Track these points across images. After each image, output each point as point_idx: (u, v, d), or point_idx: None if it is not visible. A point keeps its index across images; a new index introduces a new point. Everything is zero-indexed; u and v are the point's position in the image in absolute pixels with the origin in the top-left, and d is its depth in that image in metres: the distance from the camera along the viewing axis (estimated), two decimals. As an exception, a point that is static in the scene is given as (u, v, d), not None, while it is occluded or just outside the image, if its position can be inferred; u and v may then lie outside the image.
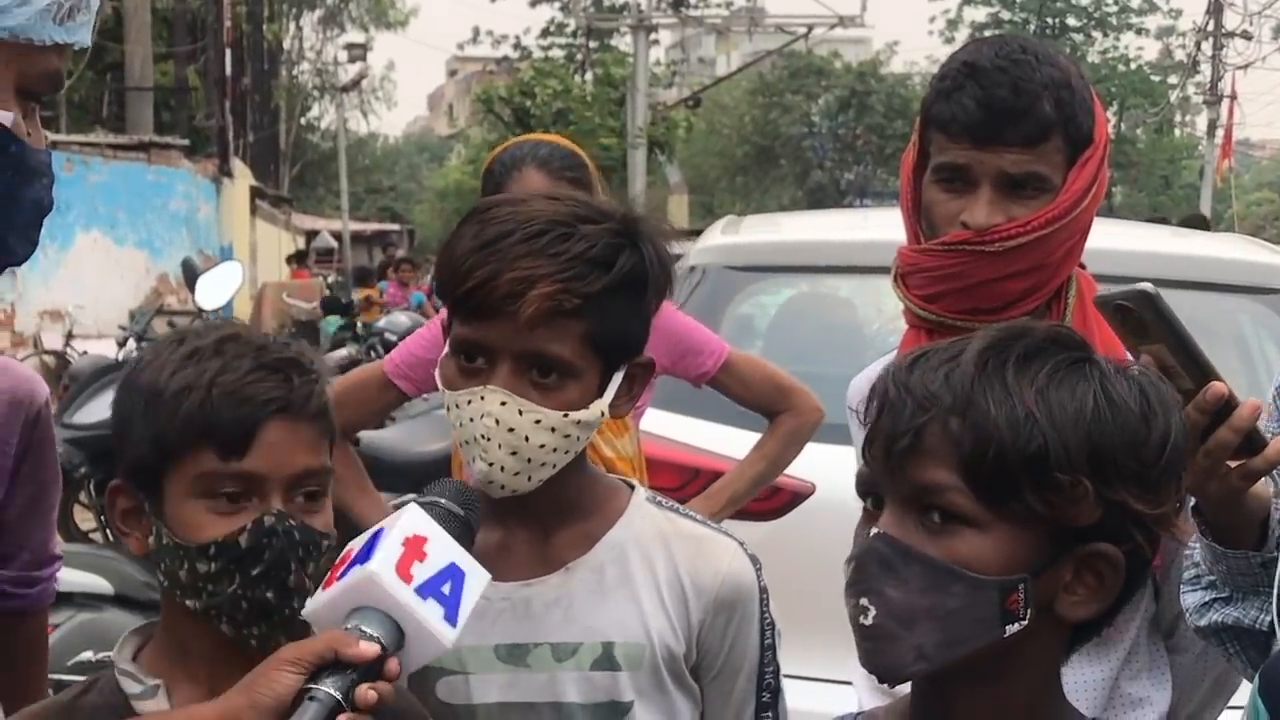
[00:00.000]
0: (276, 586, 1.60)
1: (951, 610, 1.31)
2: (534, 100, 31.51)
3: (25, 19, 1.17)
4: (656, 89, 32.06)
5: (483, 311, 1.71)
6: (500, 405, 1.71)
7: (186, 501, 1.61)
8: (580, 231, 1.72)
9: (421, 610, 1.43)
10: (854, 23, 26.93)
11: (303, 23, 48.21)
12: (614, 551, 1.82)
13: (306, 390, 1.64)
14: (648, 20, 28.02)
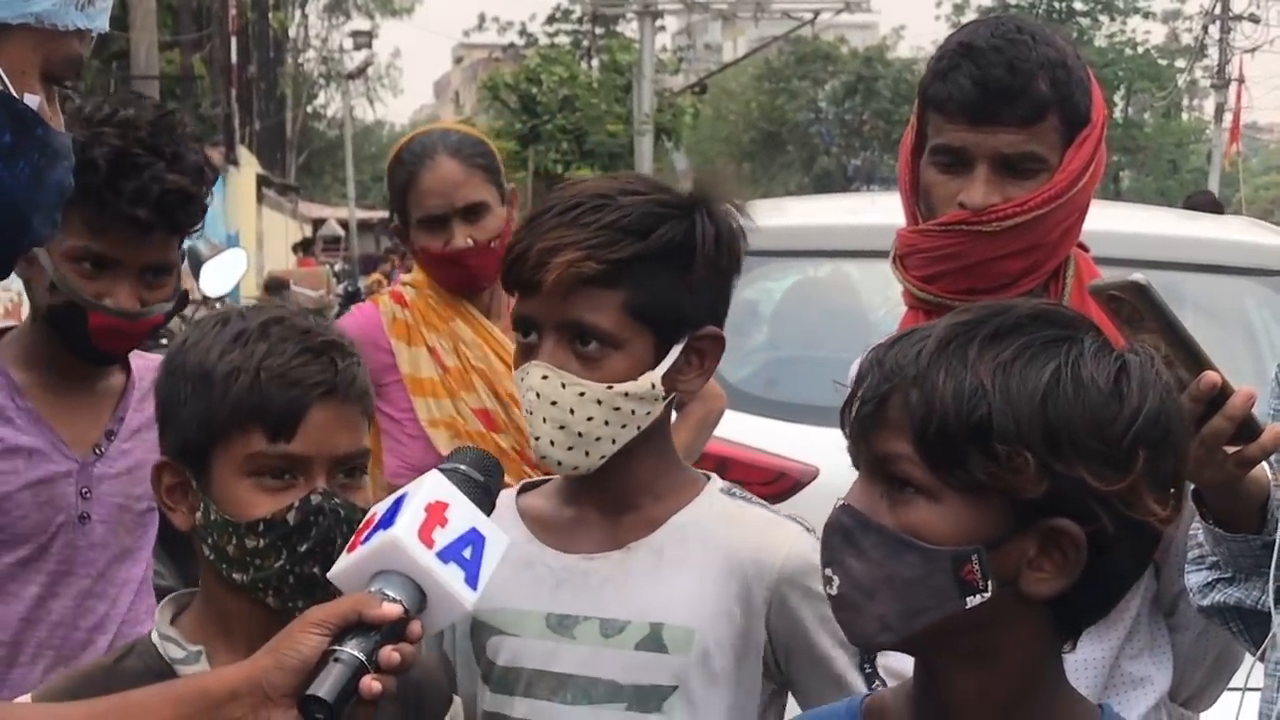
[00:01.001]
0: (322, 561, 1.63)
1: (907, 580, 1.33)
2: (540, 87, 31.52)
3: (50, 4, 1.20)
4: (663, 75, 32.07)
5: (524, 285, 1.76)
6: (542, 379, 1.75)
7: (235, 480, 1.66)
8: (617, 203, 1.75)
9: (443, 574, 1.45)
10: (860, 8, 26.95)
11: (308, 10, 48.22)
12: (676, 534, 1.82)
13: (350, 373, 1.69)
14: (654, 6, 27.99)
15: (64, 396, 2.27)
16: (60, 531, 2.29)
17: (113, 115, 2.22)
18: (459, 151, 3.05)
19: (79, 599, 2.30)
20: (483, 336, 3.10)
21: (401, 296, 3.18)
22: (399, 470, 3.07)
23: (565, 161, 29.74)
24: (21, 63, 1.20)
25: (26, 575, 2.29)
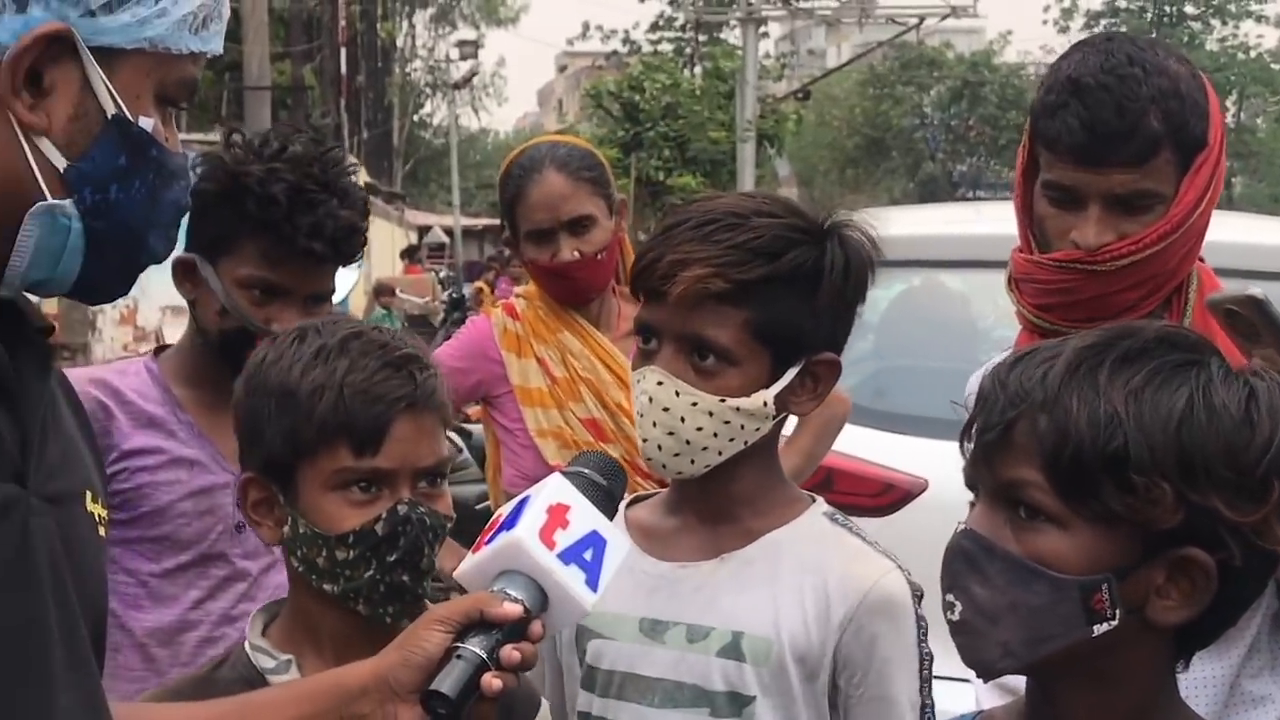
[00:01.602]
0: (411, 569, 1.68)
1: (1035, 608, 1.32)
2: (643, 95, 31.54)
3: (164, 29, 1.23)
4: (766, 82, 31.95)
5: (649, 293, 1.80)
6: (657, 385, 1.78)
7: (323, 494, 1.69)
8: (751, 223, 1.77)
9: (564, 575, 1.48)
10: (966, 13, 26.65)
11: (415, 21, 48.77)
12: (769, 549, 1.85)
13: (430, 385, 1.72)
14: (757, 13, 27.95)
15: (221, 412, 2.36)
16: (219, 539, 2.39)
17: (283, 150, 2.33)
18: (566, 165, 3.07)
19: (233, 603, 2.40)
20: (590, 347, 3.12)
21: (513, 308, 3.21)
22: (514, 480, 3.11)
23: (667, 169, 29.72)
24: (136, 86, 1.23)
25: (187, 579, 2.39)
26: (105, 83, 1.21)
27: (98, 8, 1.20)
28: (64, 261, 1.23)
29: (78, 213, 1.22)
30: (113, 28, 1.20)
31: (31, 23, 1.18)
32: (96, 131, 1.21)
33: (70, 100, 1.20)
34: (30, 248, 1.22)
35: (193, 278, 2.41)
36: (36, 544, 1.21)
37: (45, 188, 1.20)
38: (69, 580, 1.25)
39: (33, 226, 1.21)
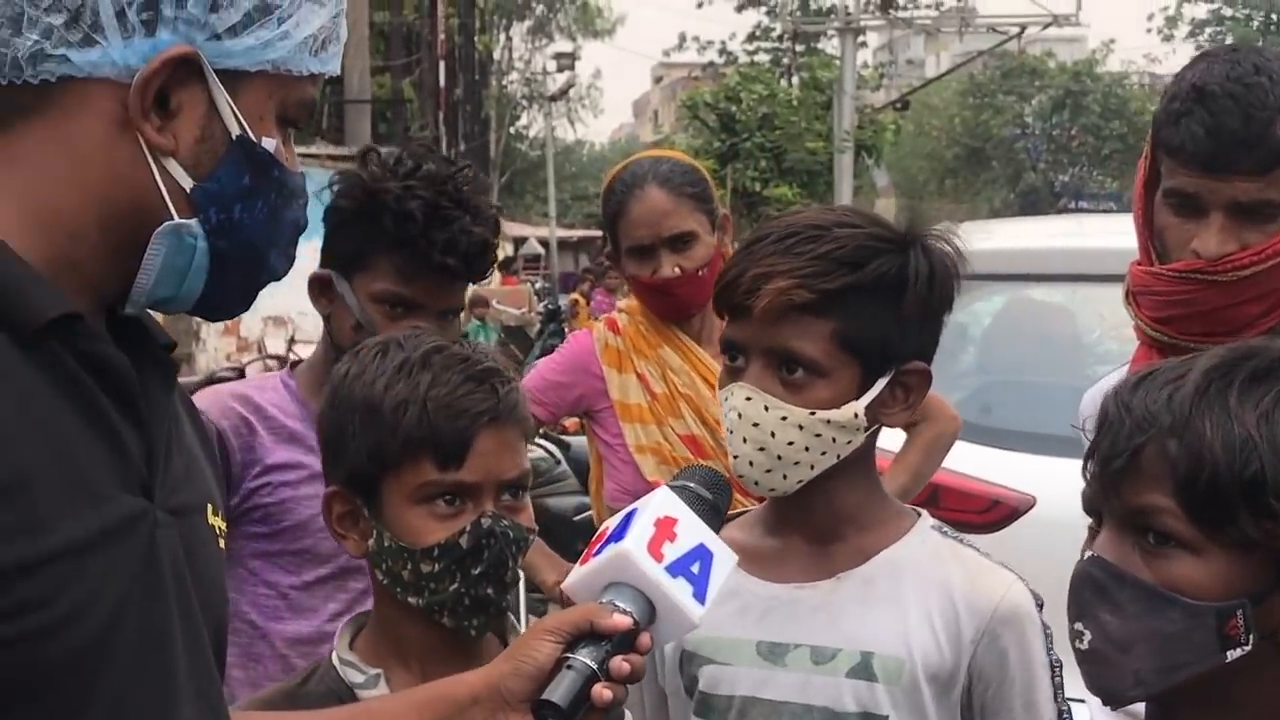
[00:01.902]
0: (495, 582, 1.70)
1: (1168, 635, 1.31)
2: (739, 105, 31.51)
3: (286, 51, 1.24)
4: (864, 91, 31.79)
5: (735, 309, 1.79)
6: (746, 400, 1.77)
7: (407, 508, 1.70)
8: (832, 234, 1.77)
9: (672, 587, 1.49)
10: (1068, 21, 26.27)
11: (512, 33, 49.13)
12: (888, 567, 1.84)
13: (511, 399, 1.73)
14: (855, 23, 27.82)
15: None
16: None
17: (418, 169, 2.37)
18: (668, 181, 3.06)
19: None
20: (691, 363, 3.11)
21: (615, 323, 3.21)
22: (615, 494, 3.11)
23: (764, 179, 29.67)
24: (259, 108, 1.25)
25: (326, 592, 2.42)
26: (230, 105, 1.23)
27: (223, 31, 1.22)
28: (189, 279, 1.26)
29: (203, 232, 1.24)
30: (237, 51, 1.23)
31: (159, 46, 1.20)
32: (221, 152, 1.24)
33: (196, 122, 1.23)
34: (157, 266, 1.24)
35: (328, 293, 2.45)
36: (162, 556, 1.23)
37: (172, 207, 1.23)
38: (192, 591, 1.27)
39: (160, 245, 1.23)
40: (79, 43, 1.19)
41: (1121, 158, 40.59)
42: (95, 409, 1.20)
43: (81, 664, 1.15)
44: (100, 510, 1.18)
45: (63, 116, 1.20)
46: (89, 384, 1.20)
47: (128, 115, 1.20)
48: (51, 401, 1.17)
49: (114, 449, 1.21)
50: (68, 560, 1.14)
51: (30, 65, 1.19)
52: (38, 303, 1.17)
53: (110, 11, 1.19)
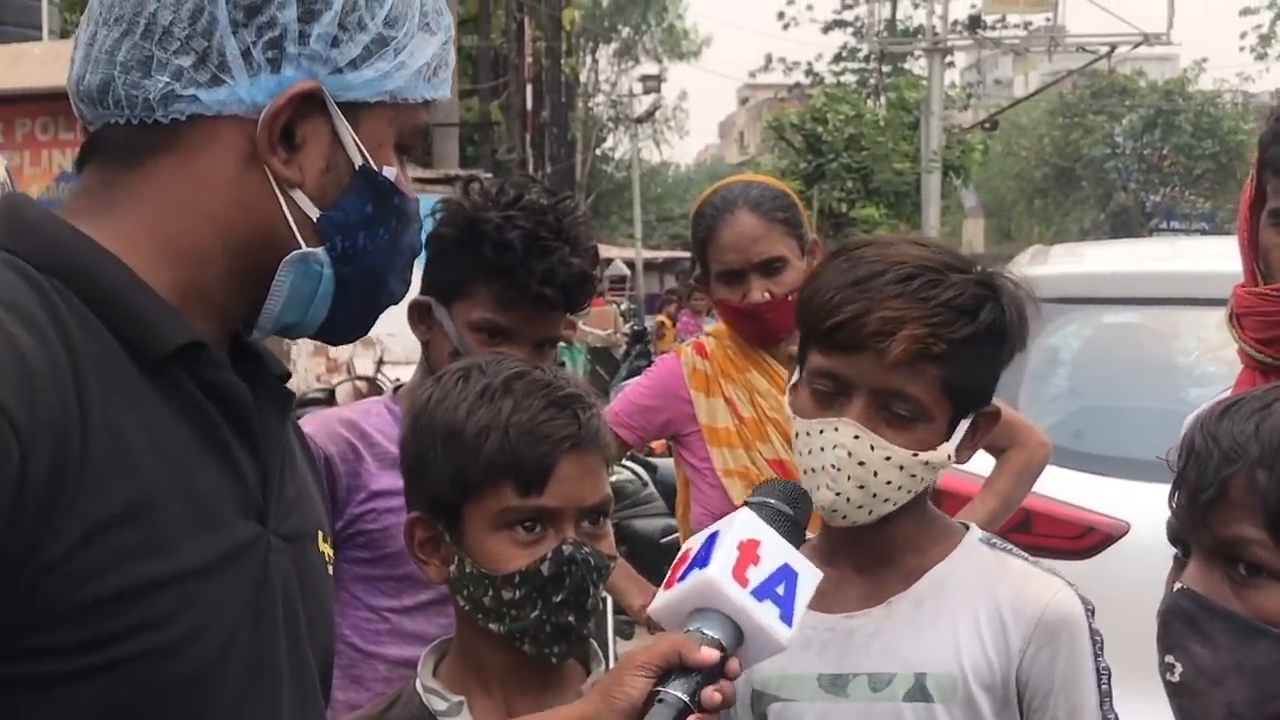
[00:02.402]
0: (576, 610, 1.70)
1: (1261, 667, 1.30)
2: (825, 126, 31.43)
3: (403, 81, 1.29)
4: (951, 111, 31.58)
5: (848, 345, 1.78)
6: (854, 438, 1.78)
7: (488, 533, 1.71)
8: (949, 279, 1.78)
9: (759, 612, 1.49)
10: (1159, 40, 25.96)
11: (599, 56, 49.41)
12: (935, 586, 1.85)
13: (593, 425, 1.73)
14: (943, 43, 27.65)
15: None
16: None
17: (519, 199, 2.39)
18: (759, 206, 3.07)
19: None
20: (779, 387, 3.09)
21: (703, 347, 3.22)
22: (702, 518, 3.11)
23: (850, 200, 29.56)
24: (379, 136, 1.29)
25: (427, 617, 2.44)
26: (353, 136, 1.27)
27: (344, 65, 1.26)
28: (315, 305, 1.30)
29: (329, 259, 1.28)
30: (358, 83, 1.27)
31: (285, 82, 1.24)
32: (346, 182, 1.27)
33: (321, 153, 1.26)
34: (285, 293, 1.28)
35: (427, 320, 2.48)
36: (274, 581, 1.26)
37: (300, 237, 1.27)
38: (301, 617, 1.30)
39: (287, 273, 1.27)
40: (207, 82, 1.23)
41: (1214, 177, 39.97)
42: (215, 435, 1.23)
43: (194, 686, 1.17)
44: (218, 535, 1.21)
45: (192, 153, 1.24)
46: (210, 410, 1.23)
47: (254, 149, 1.24)
48: (175, 426, 1.20)
49: (232, 475, 1.24)
50: (186, 583, 1.17)
51: (161, 106, 1.23)
52: (165, 330, 1.21)
53: (236, 51, 1.23)
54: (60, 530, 1.10)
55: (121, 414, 1.16)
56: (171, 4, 1.23)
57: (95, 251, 1.21)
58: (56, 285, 1.18)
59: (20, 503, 1.07)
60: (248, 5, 1.23)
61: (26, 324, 1.12)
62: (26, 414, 1.08)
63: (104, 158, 1.27)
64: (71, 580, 1.10)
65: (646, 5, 50.41)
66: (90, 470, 1.12)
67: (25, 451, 1.08)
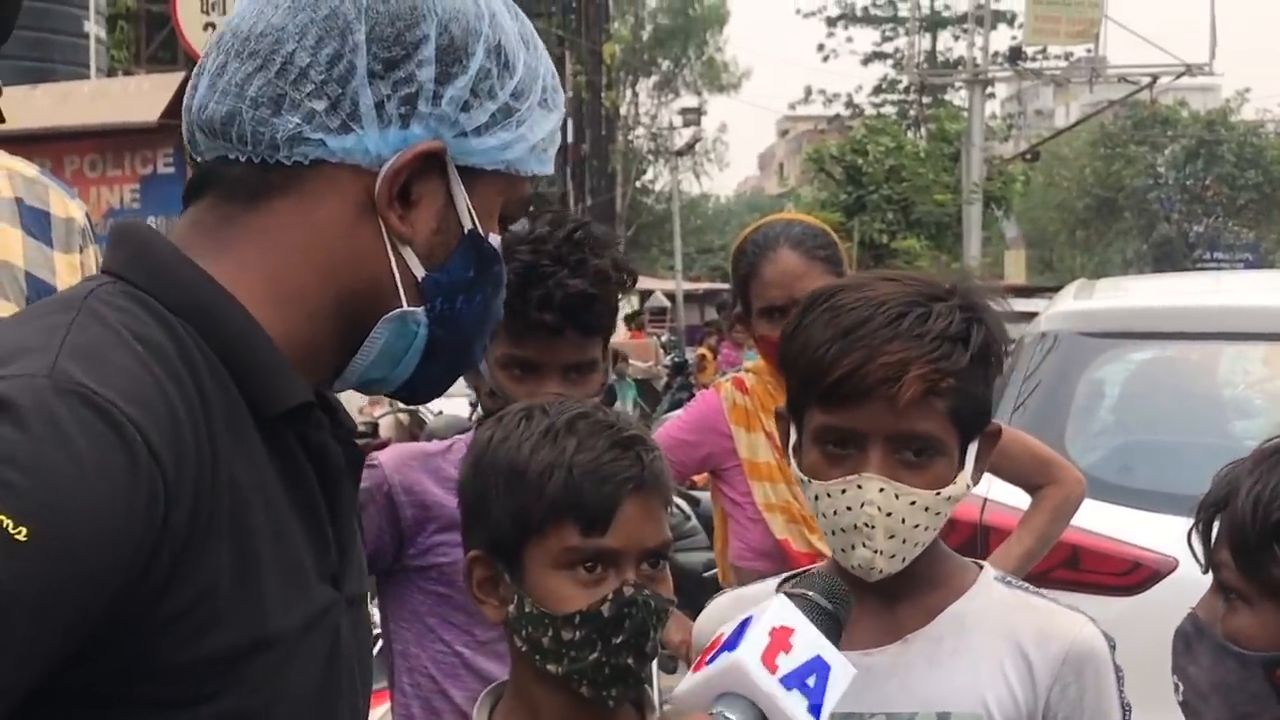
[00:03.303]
0: (636, 652, 1.68)
1: (1230, 685, 1.40)
2: (865, 158, 31.43)
3: (520, 153, 1.30)
4: (992, 143, 31.56)
5: (853, 398, 1.74)
6: (879, 492, 1.74)
7: (549, 573, 1.69)
8: (935, 310, 1.76)
9: (785, 700, 1.46)
10: (1201, 70, 25.86)
11: (639, 89, 49.63)
12: (954, 624, 1.82)
13: (656, 466, 1.72)
14: (983, 74, 27.65)
15: None
16: None
17: (530, 234, 2.38)
18: (800, 244, 3.09)
19: None
20: None
21: (742, 382, 3.23)
22: (741, 553, 3.11)
23: (891, 231, 29.53)
24: (489, 204, 1.29)
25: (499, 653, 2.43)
26: (466, 200, 1.27)
27: (470, 130, 1.26)
28: (403, 364, 1.29)
29: (426, 320, 1.27)
30: (479, 150, 1.27)
31: (410, 139, 1.24)
32: (454, 245, 1.27)
33: (434, 214, 1.26)
34: (377, 349, 1.27)
35: None
36: (343, 644, 1.27)
37: (403, 294, 1.25)
38: (359, 682, 1.31)
39: (384, 330, 1.26)
40: (337, 129, 1.22)
41: (1257, 208, 39.74)
42: (310, 498, 1.23)
43: None
44: (305, 600, 1.21)
45: (311, 199, 1.23)
46: (309, 473, 1.23)
47: (370, 201, 1.23)
48: (279, 485, 1.19)
49: (318, 538, 1.24)
50: (278, 648, 1.17)
51: (287, 146, 1.22)
52: (284, 388, 1.20)
53: (370, 102, 1.22)
54: (184, 585, 1.10)
55: (240, 470, 1.15)
56: (311, 46, 1.22)
57: (223, 297, 1.20)
58: (188, 329, 1.17)
59: (158, 558, 1.08)
60: (388, 59, 1.22)
61: (167, 369, 1.12)
62: (175, 466, 1.08)
63: (223, 193, 1.24)
64: (183, 637, 1.10)
65: (686, 38, 50.62)
66: (214, 527, 1.12)
67: (169, 506, 1.08)
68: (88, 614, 1.05)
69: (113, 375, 1.08)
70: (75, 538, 1.03)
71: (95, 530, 1.04)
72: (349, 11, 1.22)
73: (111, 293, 1.18)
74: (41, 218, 2.09)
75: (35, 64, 9.56)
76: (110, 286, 1.19)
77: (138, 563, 1.07)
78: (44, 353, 1.08)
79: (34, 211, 2.09)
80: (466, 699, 2.40)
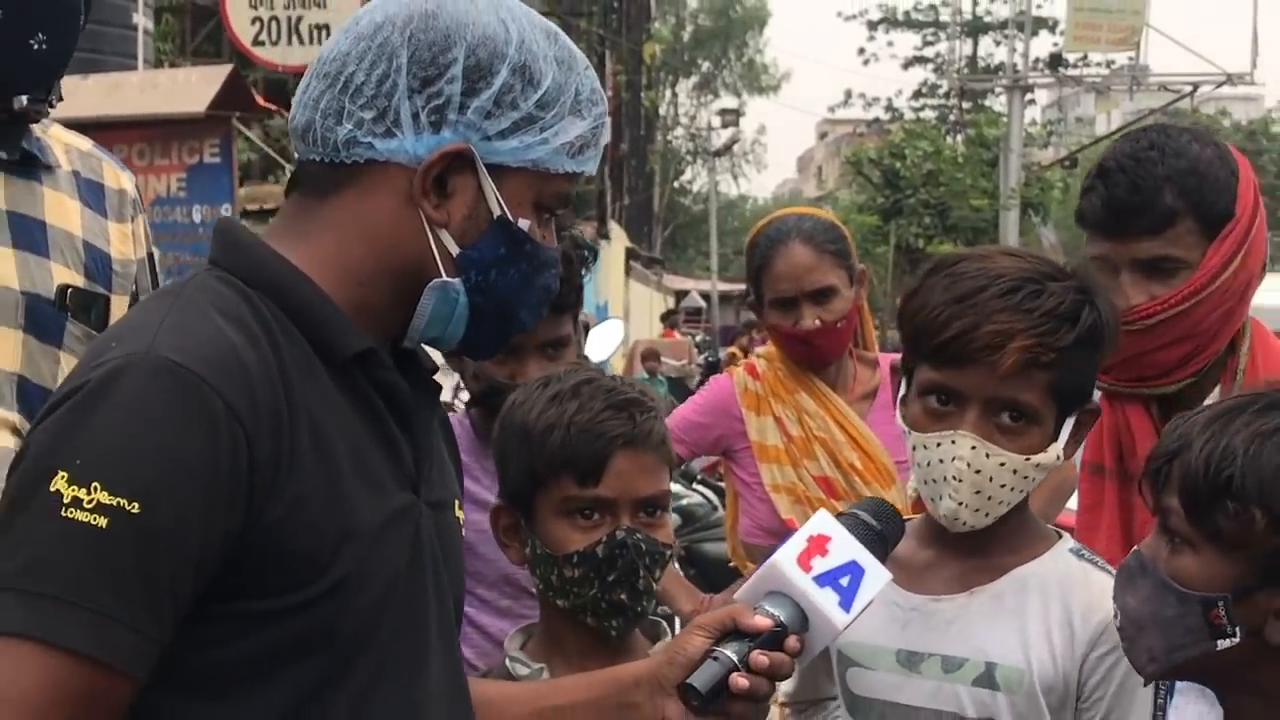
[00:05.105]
0: (629, 589, 1.92)
1: (1168, 619, 1.53)
2: (903, 162, 31.45)
3: (545, 153, 1.53)
4: (1031, 149, 31.49)
5: (959, 360, 1.89)
6: (971, 449, 1.89)
7: (553, 520, 1.95)
8: (1049, 289, 1.89)
9: (817, 595, 1.67)
10: (1243, 80, 25.79)
11: (678, 90, 49.71)
12: (1017, 584, 1.96)
13: (648, 426, 1.95)
14: (1023, 80, 27.63)
15: None
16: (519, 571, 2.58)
17: None
18: (811, 238, 3.23)
19: None
20: (826, 408, 3.26)
21: (754, 369, 3.38)
22: (750, 530, 3.27)
23: (927, 236, 29.54)
24: (519, 195, 1.53)
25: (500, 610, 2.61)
26: (494, 192, 1.51)
27: (493, 134, 1.50)
28: (452, 325, 1.55)
29: (464, 289, 1.53)
30: (503, 150, 1.51)
31: (441, 141, 1.49)
32: (484, 228, 1.52)
33: (466, 203, 1.51)
34: (428, 313, 1.53)
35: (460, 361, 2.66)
36: (424, 540, 1.53)
37: (442, 268, 1.51)
38: (445, 574, 1.57)
39: (430, 297, 1.52)
40: (382, 134, 1.49)
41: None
42: (381, 422, 1.51)
43: (363, 622, 1.45)
44: (384, 501, 1.48)
45: (364, 191, 1.50)
46: (378, 403, 1.51)
47: (413, 193, 1.50)
48: (352, 415, 1.48)
49: (393, 454, 1.51)
50: (363, 540, 1.44)
51: (345, 149, 1.50)
52: (346, 339, 1.48)
53: (408, 113, 1.49)
54: (277, 501, 1.39)
55: (316, 404, 1.44)
56: (366, 68, 1.49)
57: (292, 271, 1.49)
58: (264, 299, 1.46)
59: (252, 487, 1.37)
60: (424, 77, 1.49)
61: (244, 332, 1.42)
62: (248, 410, 1.37)
63: (305, 189, 1.54)
64: (284, 536, 1.39)
65: (727, 40, 50.67)
66: (298, 450, 1.41)
67: (250, 439, 1.37)
68: (209, 543, 1.36)
69: (195, 346, 1.38)
70: (177, 496, 1.34)
71: (192, 486, 1.34)
72: (396, 40, 1.49)
73: (206, 278, 1.49)
74: (96, 189, 2.31)
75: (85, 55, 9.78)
76: (206, 273, 1.51)
77: (236, 495, 1.37)
78: (147, 331, 1.40)
79: (90, 184, 2.31)
80: (475, 655, 2.57)
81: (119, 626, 1.32)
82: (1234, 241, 2.23)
